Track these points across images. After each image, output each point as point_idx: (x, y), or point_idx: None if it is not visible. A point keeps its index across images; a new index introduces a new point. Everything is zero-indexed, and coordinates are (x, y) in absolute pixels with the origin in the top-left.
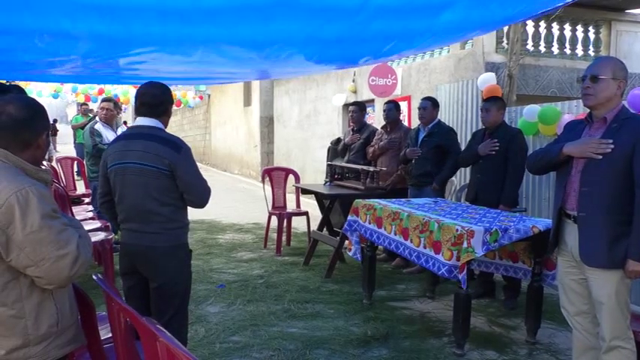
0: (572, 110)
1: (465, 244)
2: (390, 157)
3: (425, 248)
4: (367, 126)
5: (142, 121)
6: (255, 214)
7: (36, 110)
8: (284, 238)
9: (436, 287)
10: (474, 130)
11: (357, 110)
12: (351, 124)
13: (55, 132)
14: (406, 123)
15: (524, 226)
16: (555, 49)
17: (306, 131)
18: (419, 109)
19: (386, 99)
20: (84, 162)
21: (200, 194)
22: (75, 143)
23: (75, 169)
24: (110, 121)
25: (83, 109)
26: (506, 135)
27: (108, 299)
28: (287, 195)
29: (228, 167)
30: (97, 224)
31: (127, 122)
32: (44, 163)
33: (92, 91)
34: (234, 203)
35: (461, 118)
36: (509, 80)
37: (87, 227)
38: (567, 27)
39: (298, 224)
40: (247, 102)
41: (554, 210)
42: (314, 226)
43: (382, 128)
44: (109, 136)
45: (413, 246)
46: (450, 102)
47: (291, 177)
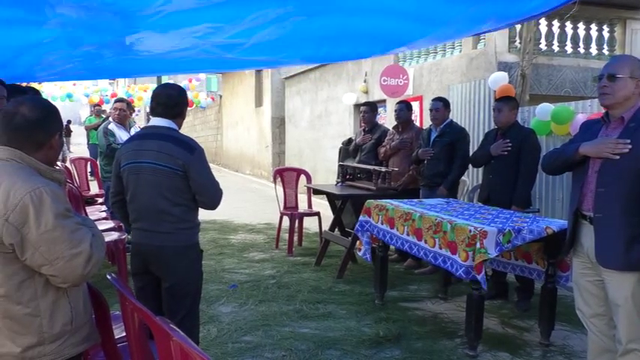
0: (586, 110)
1: (478, 245)
2: (402, 158)
3: (441, 249)
4: (379, 126)
5: (157, 122)
6: (266, 215)
7: (49, 111)
8: (296, 239)
9: (448, 288)
10: (487, 131)
11: (369, 110)
12: (363, 125)
13: (69, 133)
14: (418, 123)
15: (537, 227)
16: (569, 48)
17: (317, 131)
18: (430, 110)
19: (397, 99)
20: (97, 162)
21: (212, 195)
22: (88, 144)
23: (88, 170)
24: (123, 122)
25: (96, 110)
26: (518, 135)
27: (122, 299)
28: (298, 195)
29: (239, 168)
30: (111, 224)
31: (140, 125)
32: (58, 164)
33: (105, 93)
34: (245, 203)
35: (473, 118)
36: (521, 80)
37: (100, 227)
38: (581, 26)
39: (310, 224)
40: (259, 102)
41: (569, 211)
42: (325, 227)
43: (394, 128)
44: (123, 136)
45: (428, 247)
46: (462, 102)
47: (302, 177)
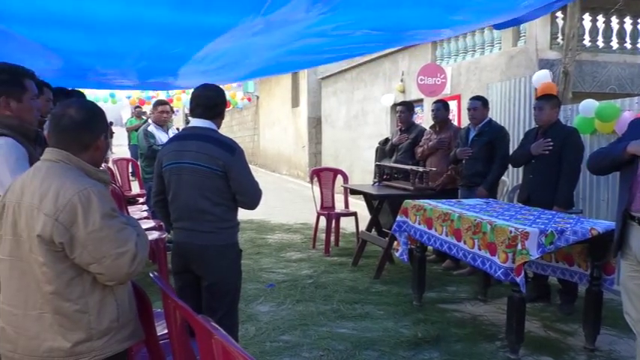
0: (633, 107)
1: (519, 246)
2: (440, 158)
3: (480, 250)
4: (415, 126)
5: (197, 122)
6: (303, 215)
7: (95, 113)
8: (332, 239)
9: (488, 290)
10: (527, 130)
11: (405, 110)
12: (399, 124)
13: (111, 134)
14: (456, 123)
15: (581, 228)
16: (614, 44)
17: (353, 131)
18: (469, 110)
19: (435, 98)
20: (138, 163)
21: (252, 196)
22: (129, 145)
23: (130, 170)
24: (165, 123)
25: (137, 112)
26: (560, 134)
27: (164, 297)
28: (335, 195)
29: (276, 168)
30: (151, 224)
31: (179, 127)
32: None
33: (146, 94)
34: (282, 203)
35: (513, 117)
36: (564, 77)
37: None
38: (628, 20)
39: (346, 225)
40: (295, 103)
41: (618, 212)
42: (362, 227)
43: (431, 128)
44: (162, 138)
45: (467, 247)
46: (502, 101)
47: (339, 177)
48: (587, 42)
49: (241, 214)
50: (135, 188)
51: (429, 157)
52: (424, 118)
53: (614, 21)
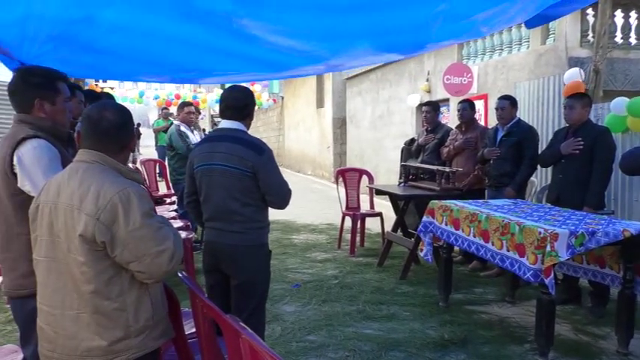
0: None
1: (549, 248)
2: (466, 158)
3: (508, 251)
4: (442, 126)
5: (226, 124)
6: (328, 215)
7: (129, 115)
8: (358, 239)
9: (516, 291)
10: (556, 129)
11: (431, 110)
12: (425, 125)
13: (139, 135)
14: (482, 122)
15: (614, 230)
16: None
17: (379, 132)
18: (496, 109)
19: (461, 98)
20: (165, 164)
21: (281, 195)
22: (156, 146)
23: (157, 171)
24: (191, 124)
25: (164, 113)
26: (591, 133)
27: (192, 296)
28: (360, 196)
29: (301, 168)
30: (179, 224)
31: (205, 129)
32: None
33: (172, 96)
34: (307, 204)
35: (541, 117)
36: (595, 75)
37: None
38: None
39: (372, 225)
40: (320, 103)
41: None
42: (388, 227)
43: (457, 128)
44: (192, 138)
45: (495, 249)
46: (530, 100)
47: (364, 178)
48: (618, 39)
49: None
50: (162, 189)
51: (455, 158)
52: (450, 118)
53: None
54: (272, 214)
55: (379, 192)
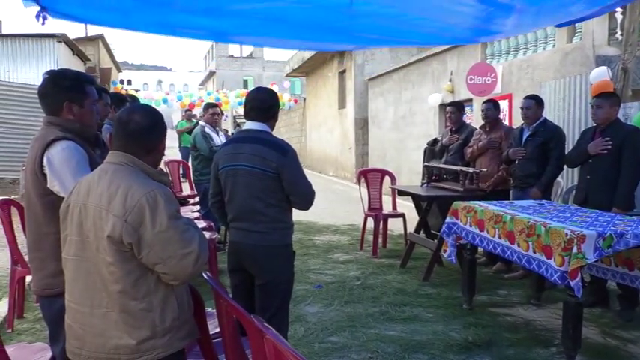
0: None
1: (575, 249)
2: (490, 158)
3: (535, 253)
4: (466, 126)
5: (251, 125)
6: (350, 216)
7: (158, 117)
8: (380, 240)
9: (542, 294)
10: (583, 129)
11: (455, 110)
12: (449, 125)
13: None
14: (507, 122)
15: None
16: None
17: (401, 132)
18: (522, 109)
19: (485, 98)
20: (189, 165)
21: (305, 196)
22: (180, 147)
23: (180, 172)
24: (216, 125)
25: (187, 115)
26: (619, 133)
27: (217, 296)
28: (383, 197)
29: (323, 169)
30: (202, 224)
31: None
32: None
33: (196, 97)
34: (329, 205)
35: (568, 117)
36: (623, 74)
37: None
38: None
39: (394, 226)
40: (342, 104)
41: None
42: (410, 228)
43: (481, 128)
44: (216, 140)
45: (521, 250)
46: (556, 99)
47: (387, 178)
48: None
49: None
50: (185, 189)
51: (479, 158)
52: (473, 118)
53: None
54: (294, 215)
55: (402, 193)
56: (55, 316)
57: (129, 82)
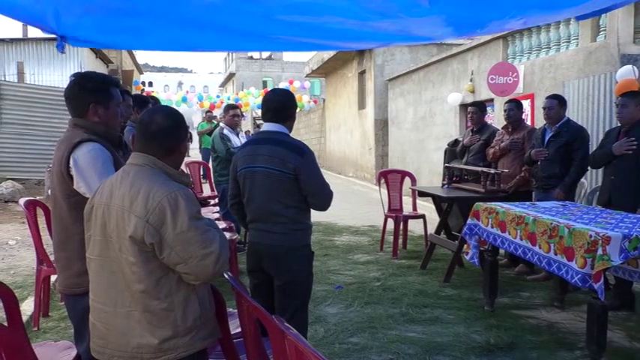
0: None
1: (600, 251)
2: (513, 159)
3: (556, 255)
4: (487, 126)
5: (268, 127)
6: (370, 217)
7: (179, 119)
8: (400, 241)
9: (565, 296)
10: (607, 129)
11: (477, 111)
12: (470, 125)
13: (190, 138)
14: (529, 123)
15: None
16: None
17: (421, 133)
18: (544, 109)
19: (506, 98)
20: (209, 166)
21: (323, 197)
22: (200, 148)
23: (201, 173)
24: (236, 127)
25: (208, 116)
26: None
27: (238, 297)
28: (403, 197)
29: (342, 170)
30: (222, 225)
31: (250, 131)
32: None
33: (216, 99)
34: (349, 205)
35: (591, 116)
36: None
37: None
38: None
39: (414, 227)
40: (362, 105)
41: None
42: (431, 229)
43: (503, 128)
44: (235, 141)
45: (542, 252)
46: (579, 99)
47: (407, 179)
48: None
49: None
50: (206, 190)
51: (501, 159)
52: (494, 119)
53: None
54: (313, 216)
55: (422, 194)
56: (81, 315)
57: (150, 84)
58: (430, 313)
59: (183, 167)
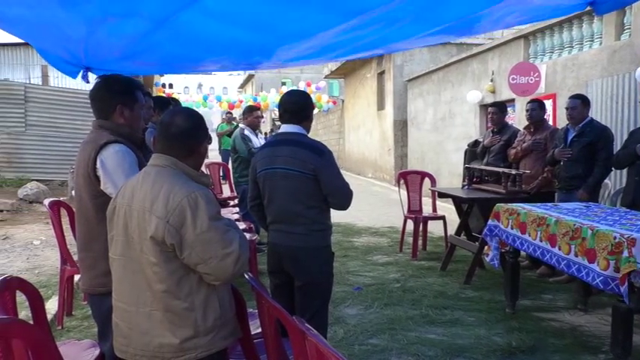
0: None
1: (626, 254)
2: (535, 159)
3: (576, 256)
4: (508, 127)
5: (287, 128)
6: (389, 218)
7: (199, 121)
8: (420, 243)
9: (589, 299)
10: (632, 129)
11: (497, 111)
12: (491, 126)
13: (210, 140)
14: (551, 123)
15: None
16: None
17: (440, 134)
18: (567, 109)
19: (528, 98)
20: (229, 167)
21: (343, 196)
22: (220, 149)
23: (220, 174)
24: (257, 128)
25: (227, 118)
26: None
27: (258, 297)
28: (422, 198)
29: (361, 171)
30: (242, 226)
31: (267, 132)
32: None
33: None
34: (368, 206)
35: (616, 117)
36: None
37: None
38: None
39: (434, 228)
40: (381, 105)
41: None
42: (451, 231)
43: (525, 129)
44: (256, 142)
45: (562, 253)
46: (603, 99)
47: (426, 180)
48: None
49: None
50: (226, 191)
51: (523, 159)
52: (515, 119)
53: None
54: (333, 217)
55: (442, 195)
56: (105, 314)
57: (170, 86)
58: (450, 315)
59: (203, 168)
